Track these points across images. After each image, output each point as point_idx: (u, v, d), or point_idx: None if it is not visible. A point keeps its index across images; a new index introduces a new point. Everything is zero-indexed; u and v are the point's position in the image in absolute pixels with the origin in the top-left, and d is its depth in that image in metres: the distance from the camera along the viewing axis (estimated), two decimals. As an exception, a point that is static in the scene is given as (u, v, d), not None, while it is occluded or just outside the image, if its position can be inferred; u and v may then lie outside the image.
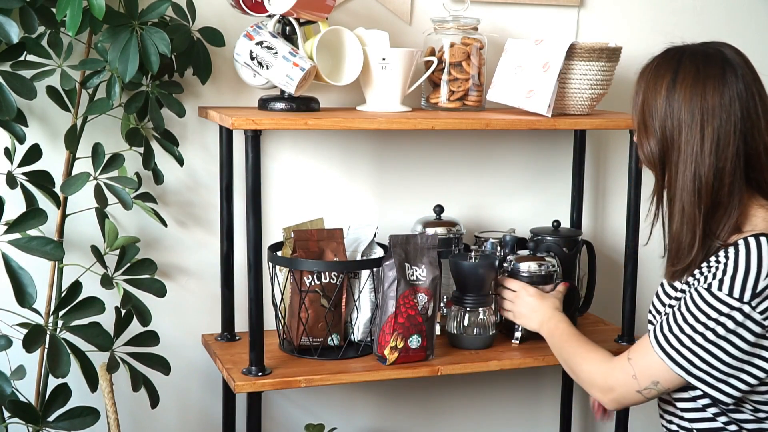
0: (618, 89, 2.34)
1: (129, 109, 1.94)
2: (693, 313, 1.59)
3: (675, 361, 1.60)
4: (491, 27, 2.28)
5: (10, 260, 1.77)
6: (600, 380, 1.74)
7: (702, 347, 1.58)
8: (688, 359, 1.59)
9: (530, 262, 2.10)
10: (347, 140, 2.26)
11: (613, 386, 1.71)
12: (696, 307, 1.59)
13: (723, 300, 1.56)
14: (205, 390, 2.24)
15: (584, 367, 1.79)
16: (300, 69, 1.86)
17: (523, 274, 2.09)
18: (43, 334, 1.80)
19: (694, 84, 1.60)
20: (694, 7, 2.50)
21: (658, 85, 1.64)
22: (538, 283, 2.08)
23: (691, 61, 1.63)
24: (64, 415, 1.86)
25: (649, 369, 1.64)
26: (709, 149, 1.59)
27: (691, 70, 1.62)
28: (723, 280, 1.57)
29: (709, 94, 1.59)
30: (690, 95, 1.60)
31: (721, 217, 1.62)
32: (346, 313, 2.03)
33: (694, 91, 1.60)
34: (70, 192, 1.86)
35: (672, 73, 1.63)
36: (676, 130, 1.61)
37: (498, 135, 2.38)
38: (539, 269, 2.09)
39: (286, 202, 2.23)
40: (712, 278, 1.58)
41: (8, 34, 1.76)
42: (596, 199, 2.51)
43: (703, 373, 1.59)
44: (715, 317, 1.57)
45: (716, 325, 1.56)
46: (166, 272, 2.15)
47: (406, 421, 2.44)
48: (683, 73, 1.62)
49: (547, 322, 1.97)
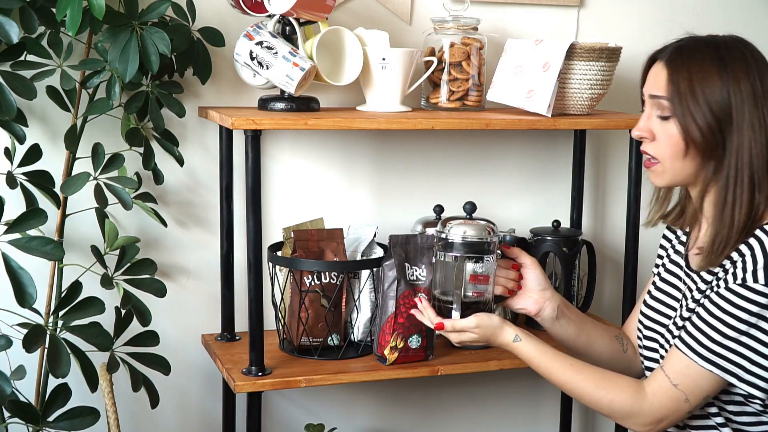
0: (618, 89, 2.34)
1: (129, 109, 1.94)
2: (733, 314, 1.52)
3: (728, 371, 1.54)
4: (491, 27, 2.28)
5: (10, 260, 1.77)
6: (642, 413, 1.60)
7: (750, 348, 1.52)
8: (739, 365, 1.52)
9: (466, 227, 1.81)
10: (347, 140, 2.26)
11: (665, 416, 1.59)
12: (734, 306, 1.51)
13: (761, 291, 1.49)
14: (205, 390, 2.24)
15: (608, 397, 1.62)
16: (300, 69, 1.86)
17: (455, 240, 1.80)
18: (43, 334, 1.80)
19: (746, 66, 1.55)
20: (694, 7, 2.51)
21: (707, 66, 1.55)
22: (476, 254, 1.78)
23: (732, 45, 1.58)
24: (64, 415, 1.86)
25: (701, 388, 1.56)
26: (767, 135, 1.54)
27: (737, 52, 1.56)
28: (756, 271, 1.50)
29: (760, 77, 1.55)
30: (746, 76, 1.54)
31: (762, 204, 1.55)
32: (346, 313, 2.03)
33: (748, 72, 1.54)
34: (70, 192, 1.86)
35: (717, 56, 1.56)
36: (736, 110, 1.54)
37: (498, 135, 2.38)
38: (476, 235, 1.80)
39: (286, 202, 2.23)
40: (742, 272, 1.51)
41: (8, 34, 1.76)
42: (596, 199, 2.51)
43: (753, 377, 1.53)
44: (757, 311, 1.50)
45: (759, 320, 1.50)
46: (166, 272, 2.15)
47: (406, 421, 2.44)
48: (730, 56, 1.56)
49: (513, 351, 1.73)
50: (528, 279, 1.83)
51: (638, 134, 1.65)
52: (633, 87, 2.41)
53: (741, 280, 1.52)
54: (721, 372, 1.54)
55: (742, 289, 1.51)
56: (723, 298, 1.54)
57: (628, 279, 2.18)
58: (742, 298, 1.51)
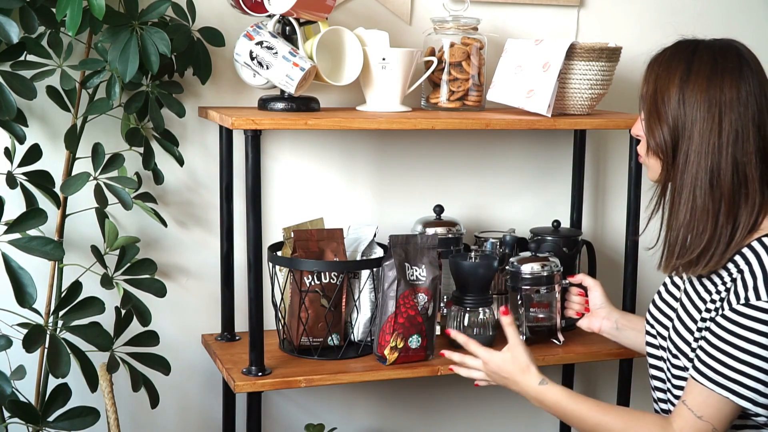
0: (618, 89, 2.34)
1: (129, 109, 1.94)
2: (742, 336, 1.51)
3: (745, 397, 1.53)
4: (491, 27, 2.28)
5: (10, 260, 1.77)
6: None
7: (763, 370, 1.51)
8: (755, 390, 1.52)
9: (532, 263, 2.08)
10: (347, 140, 2.26)
11: None
12: (742, 328, 1.51)
13: (765, 308, 1.49)
14: (205, 390, 2.24)
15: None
16: (300, 69, 1.86)
17: (525, 275, 2.08)
18: (43, 334, 1.80)
19: (711, 75, 1.57)
20: (694, 7, 2.51)
21: (672, 74, 1.60)
22: (542, 285, 2.07)
23: (708, 53, 1.60)
24: (64, 415, 1.86)
25: (725, 414, 1.55)
26: (726, 141, 1.56)
27: (707, 61, 1.59)
28: (757, 287, 1.50)
29: (726, 86, 1.56)
30: (707, 86, 1.57)
31: (742, 213, 1.57)
32: (346, 313, 2.03)
33: (711, 82, 1.57)
34: (70, 192, 1.86)
35: (686, 63, 1.60)
36: (689, 120, 1.58)
37: (498, 135, 2.38)
38: (542, 270, 2.08)
39: (286, 202, 2.23)
40: (744, 291, 1.52)
41: (8, 34, 1.76)
42: (596, 199, 2.51)
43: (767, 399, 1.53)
44: (764, 330, 1.49)
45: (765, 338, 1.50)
46: (166, 272, 2.15)
47: (406, 421, 2.44)
48: (699, 64, 1.59)
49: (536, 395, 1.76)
50: (593, 299, 2.05)
51: (633, 133, 1.75)
52: (633, 87, 2.41)
53: (744, 299, 1.51)
54: (741, 400, 1.53)
55: (747, 309, 1.51)
56: (729, 320, 1.53)
57: (628, 279, 2.18)
58: (747, 318, 1.51)
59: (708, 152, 1.56)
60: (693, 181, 1.58)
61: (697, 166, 1.57)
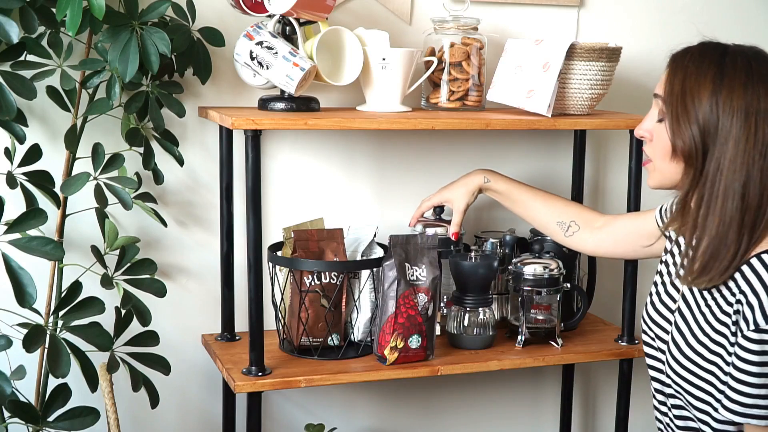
0: (618, 89, 2.34)
1: (129, 109, 1.94)
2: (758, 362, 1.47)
3: None
4: (491, 27, 2.28)
5: (10, 260, 1.77)
6: None
7: None
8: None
9: (535, 265, 2.09)
10: (347, 140, 2.26)
11: None
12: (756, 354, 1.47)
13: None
14: (205, 390, 2.24)
15: None
16: (300, 69, 1.86)
17: (527, 277, 2.08)
18: (43, 334, 1.80)
19: (747, 82, 1.51)
20: (694, 7, 2.50)
21: (703, 76, 1.53)
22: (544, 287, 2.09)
23: (741, 58, 1.54)
24: (64, 415, 1.86)
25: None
26: (760, 153, 1.50)
27: (741, 67, 1.52)
28: (764, 309, 1.46)
29: (762, 95, 1.51)
30: (743, 93, 1.51)
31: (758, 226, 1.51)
32: (346, 313, 2.03)
33: (748, 89, 1.51)
34: (70, 192, 1.86)
35: (718, 66, 1.53)
36: (723, 126, 1.50)
37: (498, 135, 2.38)
38: (544, 272, 2.09)
39: (286, 202, 2.23)
40: (752, 314, 1.48)
41: (8, 34, 1.76)
42: (596, 199, 2.51)
43: None
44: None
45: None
46: (166, 272, 2.15)
47: (406, 421, 2.44)
48: (732, 69, 1.52)
49: None
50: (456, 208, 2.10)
51: (639, 134, 1.67)
52: (633, 87, 2.42)
53: (754, 324, 1.48)
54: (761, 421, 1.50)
55: (758, 334, 1.48)
56: (745, 349, 1.49)
57: (628, 279, 2.18)
58: (760, 343, 1.48)
59: (744, 162, 1.50)
60: (725, 191, 1.51)
61: (732, 175, 1.51)
